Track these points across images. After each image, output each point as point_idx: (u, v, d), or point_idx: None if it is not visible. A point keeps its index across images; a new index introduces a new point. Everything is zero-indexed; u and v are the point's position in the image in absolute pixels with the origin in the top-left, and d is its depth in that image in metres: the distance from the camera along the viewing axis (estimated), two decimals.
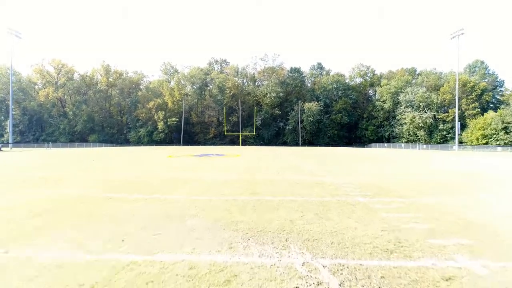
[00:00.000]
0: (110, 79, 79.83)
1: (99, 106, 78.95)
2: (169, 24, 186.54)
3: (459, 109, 61.81)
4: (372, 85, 79.30)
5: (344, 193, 7.12)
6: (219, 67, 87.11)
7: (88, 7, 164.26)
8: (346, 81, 79.85)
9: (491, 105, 65.79)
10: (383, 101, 71.29)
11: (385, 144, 64.12)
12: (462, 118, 61.12)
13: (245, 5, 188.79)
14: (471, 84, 61.48)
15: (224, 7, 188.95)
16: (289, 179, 9.70)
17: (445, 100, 63.97)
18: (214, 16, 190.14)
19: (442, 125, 62.03)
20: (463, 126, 60.05)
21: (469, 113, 60.36)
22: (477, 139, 54.65)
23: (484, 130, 54.34)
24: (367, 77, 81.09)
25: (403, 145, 59.19)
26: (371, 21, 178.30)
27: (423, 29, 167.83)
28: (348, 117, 72.95)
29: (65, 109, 77.94)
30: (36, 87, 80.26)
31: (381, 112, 71.67)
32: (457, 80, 50.92)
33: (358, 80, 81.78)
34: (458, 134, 51.04)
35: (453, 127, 61.22)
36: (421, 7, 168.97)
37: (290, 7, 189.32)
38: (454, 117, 60.83)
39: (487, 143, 53.22)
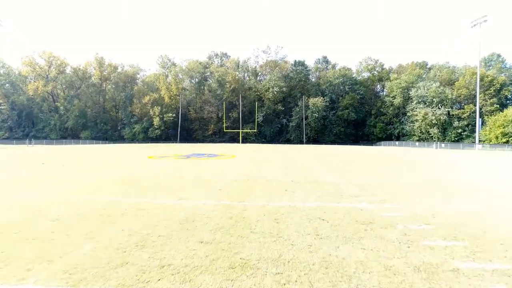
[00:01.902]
0: (104, 73, 75.92)
1: (92, 101, 75.13)
2: (167, 16, 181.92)
3: (475, 105, 57.48)
4: (380, 80, 74.78)
5: (448, 271, 3.09)
6: (219, 61, 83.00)
7: None
8: (353, 75, 75.36)
9: (509, 101, 61.42)
10: (393, 96, 66.88)
11: (396, 143, 59.79)
12: (479, 114, 56.75)
13: None
14: (489, 78, 57.02)
15: None
16: (306, 207, 5.66)
17: (460, 96, 59.57)
18: (214, 7, 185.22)
19: (457, 122, 57.66)
20: (480, 123, 55.75)
21: (486, 109, 55.97)
22: (497, 137, 50.37)
23: (504, 127, 50.00)
24: (375, 72, 76.58)
25: (417, 143, 54.81)
26: (378, 13, 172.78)
27: (433, 21, 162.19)
28: (356, 114, 68.64)
29: (56, 103, 74.11)
30: (27, 80, 76.49)
31: (391, 108, 67.27)
32: (478, 72, 46.57)
33: (366, 75, 77.30)
34: (479, 131, 46.63)
35: (469, 125, 57.01)
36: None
37: None
38: (470, 114, 56.59)
39: (507, 141, 48.91)
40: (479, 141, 53.01)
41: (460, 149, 45.05)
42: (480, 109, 56.96)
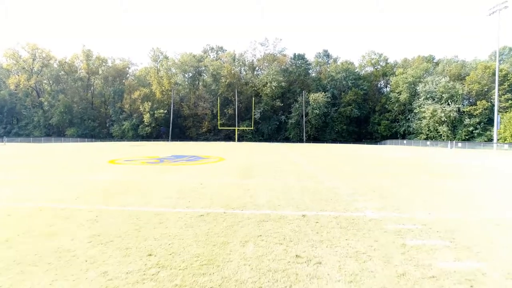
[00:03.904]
0: (91, 66, 71.35)
1: (79, 96, 70.49)
2: (161, 10, 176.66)
3: (488, 102, 53.76)
4: (385, 74, 70.69)
5: None
6: (215, 55, 78.56)
7: None
8: (356, 70, 71.25)
9: None
10: (399, 92, 62.81)
11: (404, 141, 55.71)
12: (491, 111, 53.01)
13: None
14: (503, 73, 53.12)
15: None
16: None
17: (471, 91, 55.64)
18: None
19: (468, 119, 53.79)
20: (493, 121, 52.06)
21: (501, 105, 52.03)
22: None
23: None
24: (379, 66, 72.54)
25: (428, 142, 50.69)
26: (380, 5, 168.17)
27: (439, 13, 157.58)
28: (359, 110, 64.53)
29: (40, 99, 69.48)
30: (11, 74, 71.76)
31: (396, 105, 63.18)
32: (497, 62, 42.90)
33: (369, 69, 73.27)
34: (497, 129, 42.80)
35: (481, 122, 53.25)
36: None
37: None
38: (482, 111, 52.80)
39: None
40: (491, 139, 49.40)
41: (481, 148, 41.11)
42: (493, 105, 53.28)
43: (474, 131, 53.27)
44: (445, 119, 54.35)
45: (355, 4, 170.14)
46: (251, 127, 64.63)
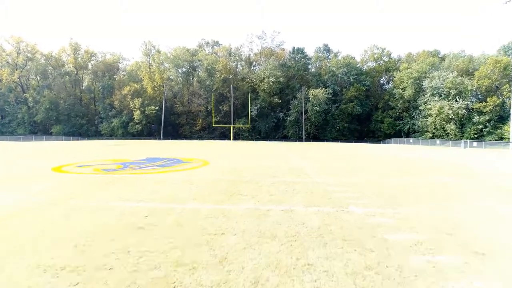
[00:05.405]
0: (78, 60, 67.52)
1: (66, 91, 66.67)
2: (159, 8, 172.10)
3: (499, 98, 50.75)
4: (387, 70, 67.50)
5: None
6: (210, 50, 74.97)
7: None
8: (358, 65, 67.96)
9: None
10: (403, 88, 59.71)
11: (411, 140, 52.44)
12: (502, 108, 50.12)
13: None
14: None
15: None
16: None
17: (480, 87, 52.54)
18: None
19: (477, 117, 50.73)
20: (504, 119, 49.18)
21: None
22: None
23: None
24: (382, 61, 69.30)
25: (438, 141, 47.44)
26: (380, 4, 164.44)
27: (440, 12, 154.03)
28: (361, 107, 61.29)
29: (25, 94, 65.62)
30: None
31: (400, 102, 60.09)
32: None
33: (371, 64, 70.01)
34: None
35: (491, 120, 50.26)
36: None
37: None
38: (493, 108, 49.77)
39: None
40: (502, 138, 46.52)
41: (499, 148, 37.95)
42: (504, 102, 50.33)
43: (483, 129, 50.29)
44: (453, 117, 51.31)
45: (355, 3, 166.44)
46: (248, 124, 61.20)
